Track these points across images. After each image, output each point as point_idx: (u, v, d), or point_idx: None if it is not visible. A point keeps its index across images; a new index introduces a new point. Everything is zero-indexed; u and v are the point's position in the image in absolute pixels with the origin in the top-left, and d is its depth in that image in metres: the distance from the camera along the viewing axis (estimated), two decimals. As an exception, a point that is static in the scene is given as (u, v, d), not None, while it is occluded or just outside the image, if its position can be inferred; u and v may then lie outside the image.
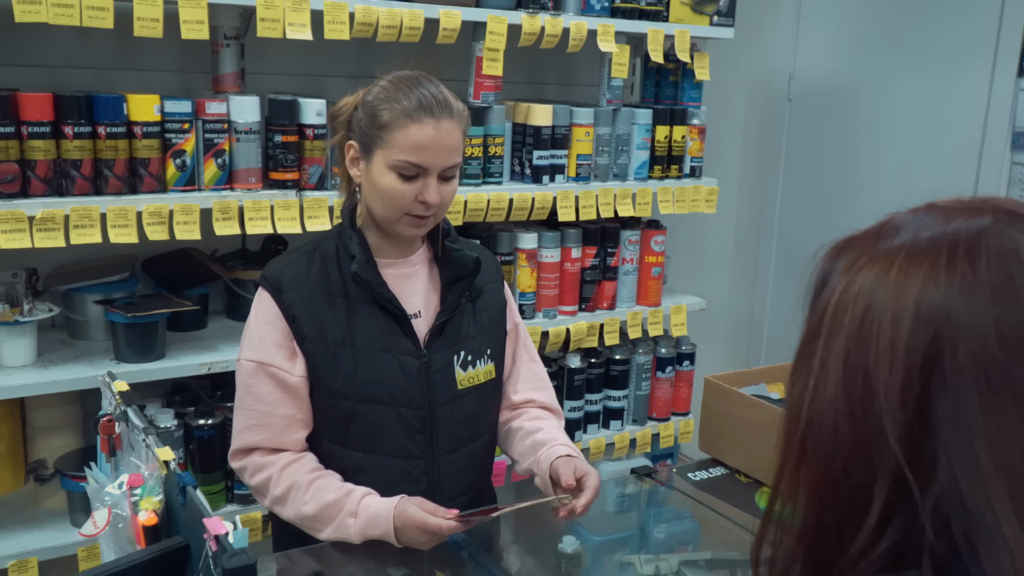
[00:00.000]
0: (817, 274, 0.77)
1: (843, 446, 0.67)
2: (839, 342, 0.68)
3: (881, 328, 0.66)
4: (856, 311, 0.68)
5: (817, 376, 0.69)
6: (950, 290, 0.65)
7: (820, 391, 0.69)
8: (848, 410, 0.67)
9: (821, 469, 0.69)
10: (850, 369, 0.67)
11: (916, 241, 0.69)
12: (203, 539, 0.95)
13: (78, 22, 1.94)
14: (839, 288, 0.71)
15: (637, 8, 2.69)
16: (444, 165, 1.57)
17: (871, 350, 0.66)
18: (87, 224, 2.06)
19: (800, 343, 0.74)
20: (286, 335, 1.60)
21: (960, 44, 3.06)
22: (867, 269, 0.70)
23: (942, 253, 0.67)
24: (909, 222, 0.73)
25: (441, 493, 1.66)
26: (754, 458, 1.94)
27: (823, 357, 0.69)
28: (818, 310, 0.73)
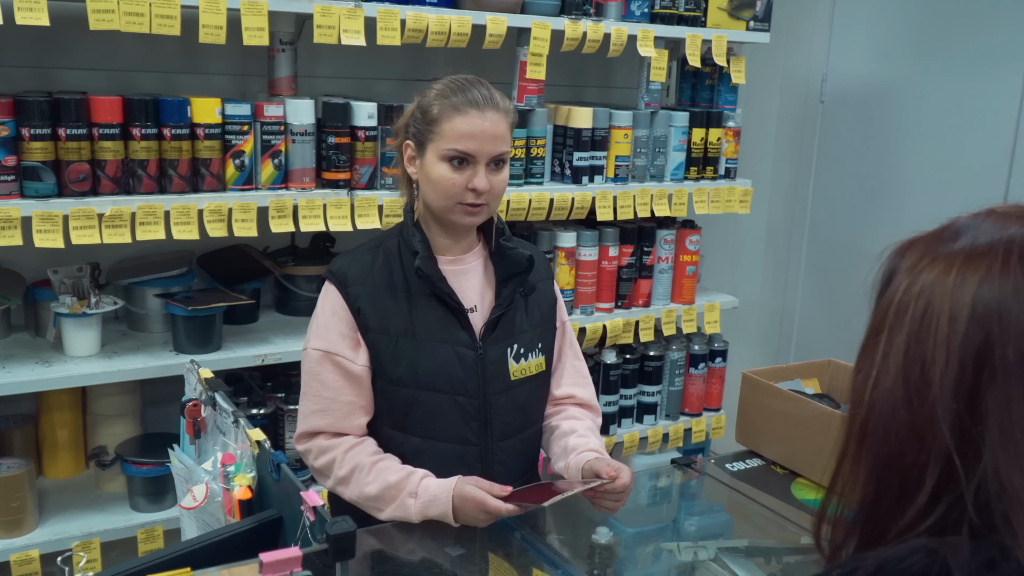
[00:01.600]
0: (883, 272, 0.84)
1: (900, 430, 0.75)
2: (900, 336, 0.76)
3: (939, 326, 0.73)
4: (917, 309, 0.75)
5: (879, 367, 0.77)
6: (1003, 292, 0.72)
7: (881, 380, 0.77)
8: (906, 398, 0.74)
9: (880, 451, 0.77)
10: (909, 361, 0.75)
11: (975, 245, 0.77)
12: (297, 511, 1.04)
13: (148, 29, 2.04)
14: (902, 286, 0.78)
15: (676, 14, 2.77)
16: (490, 153, 1.66)
17: (929, 345, 0.73)
18: (152, 221, 2.16)
19: (865, 336, 0.82)
20: (351, 326, 1.69)
21: (993, 47, 3.11)
22: (928, 270, 0.77)
23: (998, 258, 0.74)
24: (969, 226, 0.80)
25: (494, 478, 1.74)
26: (790, 450, 2.01)
27: (885, 350, 0.77)
28: (882, 306, 0.80)
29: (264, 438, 1.14)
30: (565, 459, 1.77)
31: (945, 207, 3.20)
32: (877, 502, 0.77)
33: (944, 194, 3.27)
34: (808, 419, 1.95)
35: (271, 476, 1.11)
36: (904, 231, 0.89)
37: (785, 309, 3.89)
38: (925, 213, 3.59)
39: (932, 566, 0.68)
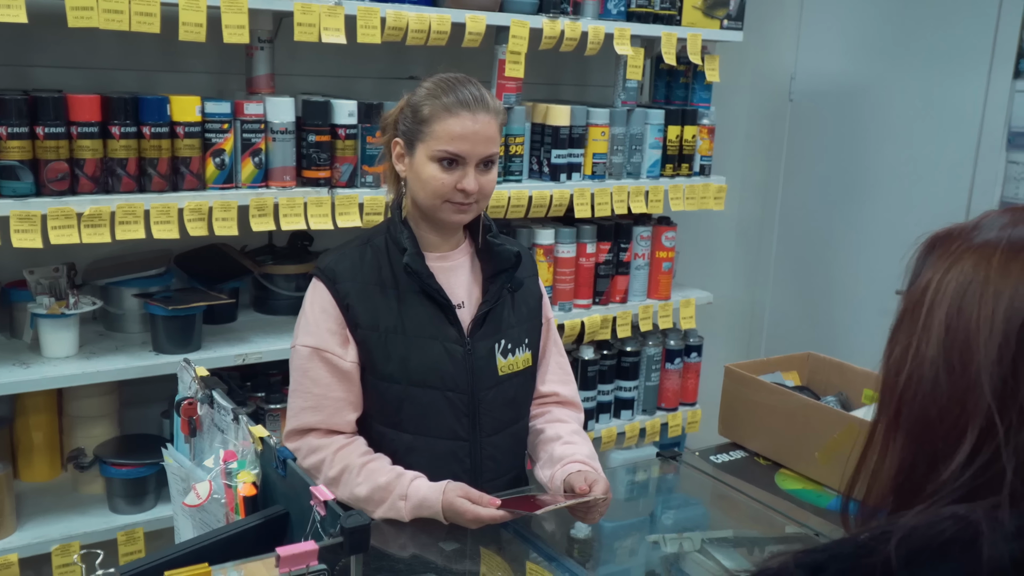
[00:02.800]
0: (917, 256, 0.87)
1: (940, 396, 0.78)
2: (940, 310, 0.79)
3: (983, 299, 0.77)
4: (960, 283, 0.79)
5: (920, 337, 0.80)
6: None
7: (922, 349, 0.80)
8: (948, 365, 0.78)
9: (918, 415, 0.80)
10: (951, 332, 0.78)
11: (1013, 238, 0.80)
12: (304, 507, 1.05)
13: (127, 27, 2.02)
14: (941, 268, 0.81)
15: (652, 12, 2.80)
16: (481, 155, 1.68)
17: (972, 317, 0.77)
18: (132, 220, 2.14)
19: (899, 313, 0.85)
20: (340, 323, 1.70)
21: (958, 47, 3.17)
22: (967, 257, 0.80)
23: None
24: (1001, 221, 0.83)
25: (484, 473, 1.77)
26: (773, 442, 2.05)
27: (926, 323, 0.80)
28: (919, 285, 0.83)
29: (268, 434, 1.14)
30: (551, 468, 1.79)
31: (912, 203, 3.28)
32: (914, 467, 0.80)
33: (911, 190, 3.34)
34: (791, 411, 1.98)
35: (276, 472, 1.11)
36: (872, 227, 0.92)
37: (756, 304, 3.94)
38: (892, 209, 3.67)
39: (965, 531, 0.70)
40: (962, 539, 0.70)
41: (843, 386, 2.18)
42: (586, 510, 1.67)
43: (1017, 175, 3.10)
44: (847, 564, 0.75)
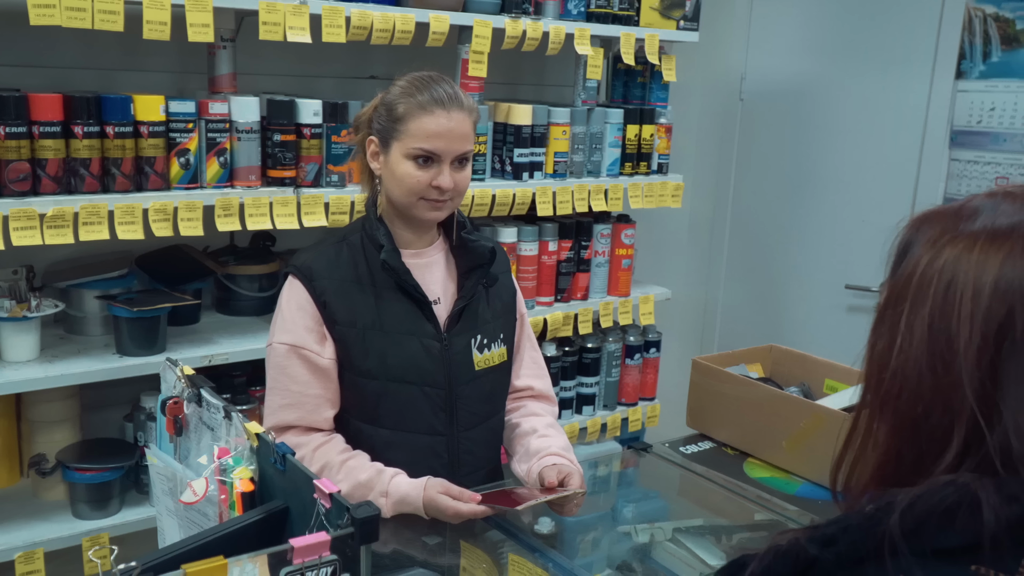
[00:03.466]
0: (899, 243, 0.90)
1: (925, 394, 0.81)
2: (924, 309, 0.82)
3: (963, 300, 0.80)
4: (941, 283, 0.82)
5: (903, 335, 0.83)
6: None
7: (906, 348, 0.83)
8: (931, 365, 0.81)
9: (904, 411, 0.83)
10: (934, 333, 0.81)
11: (996, 226, 0.83)
12: (305, 501, 1.06)
13: (90, 25, 2.00)
14: (924, 260, 0.84)
15: (611, 13, 2.84)
16: (456, 152, 1.70)
17: (953, 318, 0.80)
18: (95, 221, 2.11)
19: (882, 304, 0.88)
20: (317, 320, 1.70)
21: (902, 49, 3.28)
22: (950, 246, 0.83)
23: (1020, 239, 0.81)
24: (987, 206, 0.86)
25: (461, 467, 1.78)
26: (741, 432, 2.10)
27: (909, 320, 0.83)
28: (901, 277, 0.86)
29: (263, 430, 1.15)
30: (528, 462, 1.81)
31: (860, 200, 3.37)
32: (899, 460, 0.83)
33: (858, 187, 3.44)
34: (757, 401, 2.04)
35: (274, 467, 1.11)
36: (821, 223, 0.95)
37: (709, 300, 4.02)
38: (841, 206, 3.76)
39: (965, 496, 0.74)
40: (965, 504, 0.74)
41: (804, 376, 2.24)
42: (564, 503, 1.70)
43: (959, 172, 3.21)
44: (857, 536, 0.78)
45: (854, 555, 0.78)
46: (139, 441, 2.41)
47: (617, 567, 1.89)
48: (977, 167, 3.18)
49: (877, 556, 0.76)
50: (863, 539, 0.77)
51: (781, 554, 0.83)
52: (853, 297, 3.43)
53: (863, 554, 0.77)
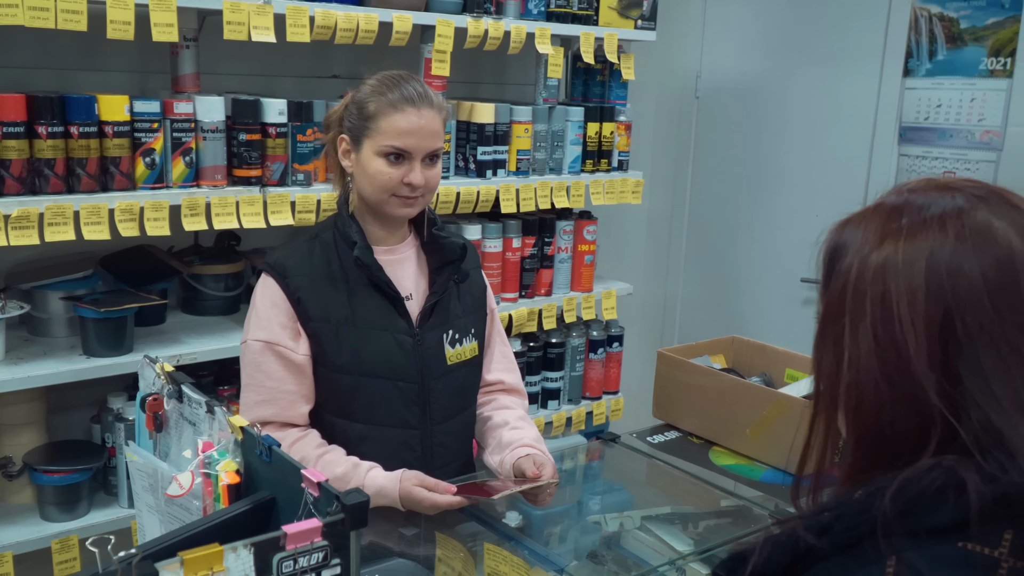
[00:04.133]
0: (825, 251, 0.93)
1: (885, 403, 0.85)
2: (865, 322, 0.85)
3: (900, 309, 0.83)
4: (875, 294, 0.85)
5: (850, 350, 0.86)
6: (950, 261, 0.82)
7: (855, 361, 0.86)
8: (885, 375, 0.84)
9: (867, 421, 0.87)
10: (881, 343, 0.84)
11: (912, 222, 0.87)
12: (292, 491, 1.08)
13: (53, 25, 1.99)
14: (854, 271, 0.87)
15: (570, 12, 2.89)
16: (426, 149, 1.73)
17: (896, 328, 0.83)
18: (61, 222, 2.11)
19: (822, 317, 0.91)
20: (291, 317, 1.72)
21: (852, 47, 3.37)
22: (877, 251, 0.86)
23: (934, 229, 0.84)
24: (899, 204, 0.90)
25: (434, 460, 1.81)
26: (706, 421, 2.15)
27: (852, 334, 0.86)
28: (836, 291, 0.89)
29: (247, 423, 1.17)
30: (500, 454, 1.84)
31: (813, 195, 3.46)
32: (871, 465, 0.87)
33: (812, 183, 3.52)
34: (721, 391, 2.09)
35: (260, 459, 1.14)
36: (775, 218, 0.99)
37: (668, 294, 4.08)
38: (794, 200, 3.85)
39: (952, 478, 0.79)
40: (953, 484, 0.78)
41: (765, 366, 2.30)
42: (537, 493, 1.73)
43: (908, 167, 3.31)
44: (851, 521, 0.82)
45: (849, 539, 0.82)
46: (107, 442, 2.40)
47: (588, 556, 1.93)
48: (925, 162, 3.28)
49: (871, 538, 0.80)
50: (857, 524, 0.81)
51: (779, 544, 0.86)
52: (808, 290, 3.52)
53: (858, 538, 0.81)
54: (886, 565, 0.78)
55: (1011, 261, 0.83)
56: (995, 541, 0.77)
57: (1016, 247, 0.83)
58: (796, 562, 0.84)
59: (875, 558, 0.79)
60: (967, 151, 3.16)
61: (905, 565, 0.77)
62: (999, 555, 0.77)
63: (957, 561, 0.77)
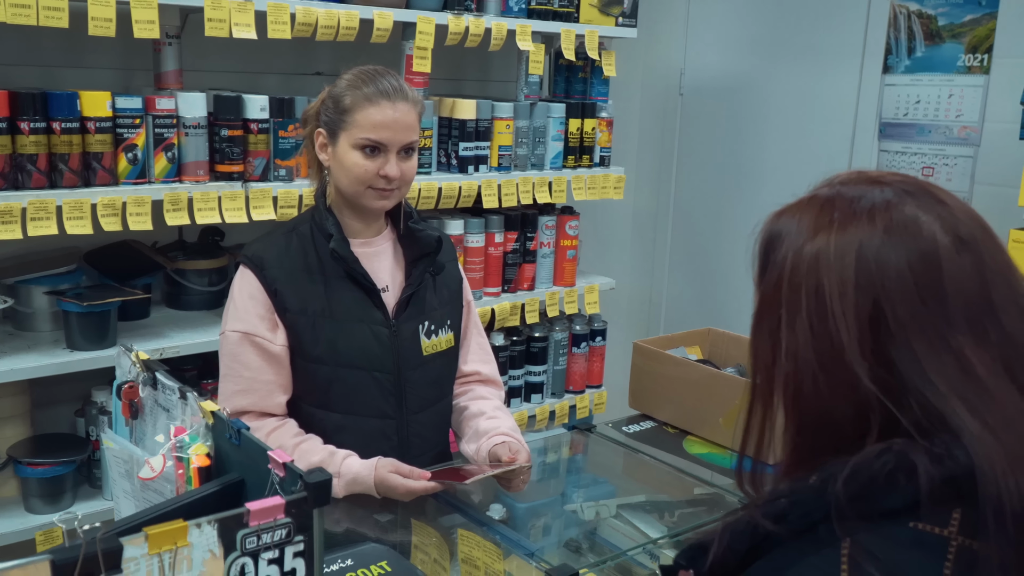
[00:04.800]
0: (760, 243, 0.97)
1: (823, 392, 0.88)
2: (800, 314, 0.88)
3: (833, 301, 0.86)
4: (809, 288, 0.88)
5: (787, 341, 0.89)
6: (879, 260, 0.85)
7: (792, 352, 0.89)
8: (821, 365, 0.87)
9: (806, 410, 0.90)
10: (817, 335, 0.87)
11: (843, 215, 0.89)
12: (260, 472, 1.11)
13: (35, 22, 2.01)
14: (788, 264, 0.90)
15: (551, 10, 2.92)
16: (401, 142, 1.76)
17: (830, 319, 0.86)
18: (43, 216, 2.13)
19: (758, 308, 0.94)
20: (268, 308, 1.75)
21: (833, 44, 3.41)
22: (809, 243, 0.89)
23: (863, 225, 0.87)
24: (831, 196, 0.93)
25: (411, 449, 1.84)
26: (680, 411, 2.19)
27: (789, 325, 0.89)
28: (771, 283, 0.92)
29: (218, 408, 1.19)
30: (476, 442, 1.87)
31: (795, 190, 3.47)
32: (812, 453, 0.90)
33: (794, 178, 3.53)
34: (695, 381, 2.13)
35: (230, 443, 1.16)
36: (758, 213, 1.02)
37: (654, 289, 4.12)
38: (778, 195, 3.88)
39: (903, 461, 0.81)
40: (904, 468, 0.81)
41: (740, 358, 2.33)
42: (511, 478, 1.76)
43: (888, 163, 3.35)
44: (806, 507, 0.85)
45: (805, 524, 0.85)
46: (91, 436, 2.42)
47: (565, 544, 1.96)
48: (904, 157, 3.31)
49: (825, 522, 0.83)
50: (811, 509, 0.84)
51: (738, 532, 0.89)
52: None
53: (813, 522, 0.84)
54: (841, 547, 0.81)
55: (935, 253, 0.86)
56: (944, 520, 0.80)
57: (940, 240, 0.86)
58: (755, 548, 0.87)
59: (830, 541, 0.82)
60: (945, 146, 3.20)
61: (859, 547, 0.80)
62: (948, 534, 0.80)
63: (909, 541, 0.80)
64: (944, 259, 0.86)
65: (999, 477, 0.78)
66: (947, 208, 0.89)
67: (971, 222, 0.89)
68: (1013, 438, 0.80)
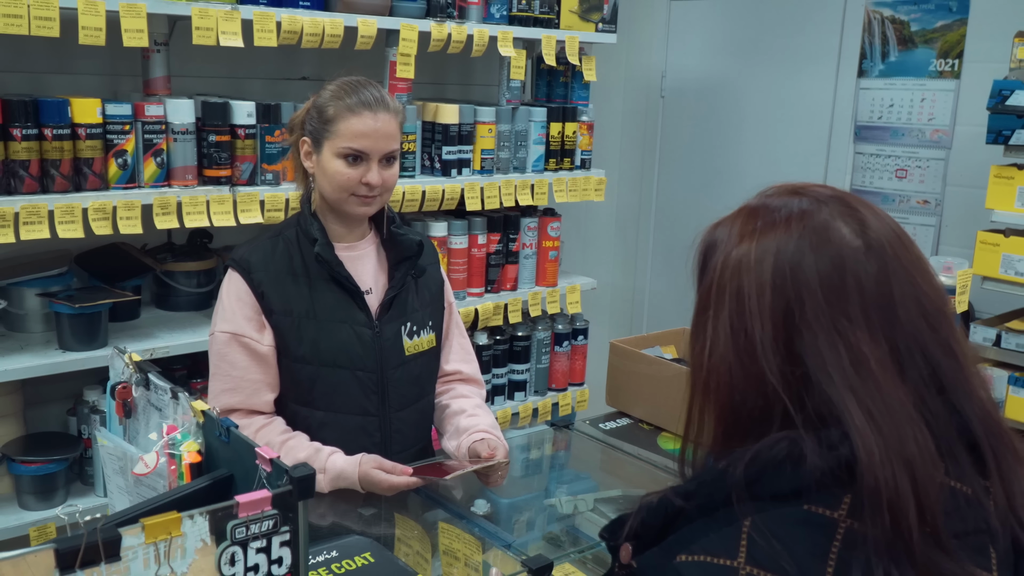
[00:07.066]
0: (699, 252, 1.05)
1: (737, 384, 0.96)
2: (723, 313, 0.97)
3: (751, 302, 0.94)
4: (732, 289, 0.96)
5: (711, 338, 0.98)
6: (792, 264, 0.93)
7: (715, 348, 0.97)
8: (737, 359, 0.95)
9: (723, 401, 0.98)
10: (735, 332, 0.95)
11: (764, 223, 0.98)
12: (248, 468, 1.17)
13: (27, 31, 2.07)
14: (718, 268, 0.99)
15: (532, 16, 2.99)
16: (383, 151, 1.82)
17: (747, 317, 0.95)
18: (36, 221, 2.19)
19: (696, 312, 1.03)
20: (255, 310, 1.81)
21: (810, 49, 3.49)
22: (736, 249, 0.98)
23: (780, 232, 0.95)
24: (757, 207, 1.01)
25: (392, 446, 1.91)
26: (655, 408, 2.26)
27: (714, 324, 0.98)
28: (705, 285, 1.01)
29: (208, 407, 1.26)
30: (457, 439, 1.94)
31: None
32: (728, 439, 0.98)
33: (772, 178, 3.57)
34: (669, 379, 2.20)
35: (219, 440, 1.23)
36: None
37: (636, 288, 4.20)
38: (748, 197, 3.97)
39: (794, 449, 0.89)
40: (792, 456, 0.89)
41: (715, 356, 2.41)
42: (489, 473, 1.83)
43: (863, 164, 3.43)
44: (710, 488, 0.93)
45: (709, 504, 0.93)
46: (82, 434, 2.48)
47: (543, 537, 2.03)
48: (879, 159, 3.40)
49: (726, 504, 0.91)
50: (715, 490, 0.92)
51: (652, 509, 0.98)
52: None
53: (716, 503, 0.92)
54: (742, 525, 0.88)
55: (841, 256, 0.94)
56: (835, 504, 0.88)
57: (848, 244, 0.94)
58: (668, 524, 0.95)
59: (731, 520, 0.89)
60: (918, 149, 3.28)
61: (757, 525, 0.88)
62: (838, 516, 0.87)
63: (801, 521, 0.88)
64: (849, 261, 0.93)
65: (876, 467, 0.85)
66: (859, 214, 0.97)
67: (882, 227, 0.97)
68: (892, 430, 0.87)
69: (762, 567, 0.86)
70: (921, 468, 0.86)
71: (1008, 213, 2.60)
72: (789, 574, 0.85)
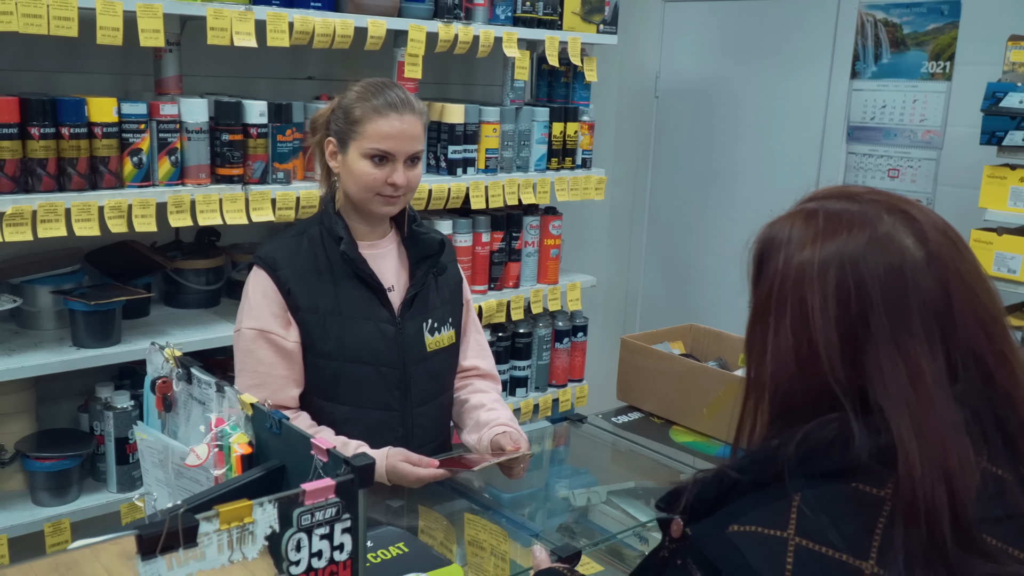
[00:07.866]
0: (754, 254, 1.07)
1: (796, 389, 1.00)
2: (785, 320, 1.00)
3: (814, 312, 0.98)
4: (795, 298, 1.00)
5: (773, 344, 1.02)
6: (857, 276, 0.96)
7: (776, 355, 1.01)
8: (799, 367, 0.99)
9: (780, 401, 1.02)
10: (798, 340, 0.99)
11: (827, 230, 1.00)
12: (300, 458, 1.21)
13: (46, 31, 2.09)
14: (778, 276, 1.02)
15: (536, 17, 3.03)
16: (408, 152, 1.86)
17: (811, 327, 0.98)
18: (53, 219, 2.20)
19: (753, 314, 1.06)
20: (281, 307, 1.84)
21: (803, 51, 3.55)
22: (796, 257, 1.01)
23: (841, 239, 0.99)
24: (817, 212, 1.03)
25: (414, 440, 1.95)
26: (665, 402, 2.31)
27: (776, 330, 1.01)
28: (764, 290, 1.04)
29: (256, 400, 1.29)
30: (478, 433, 1.98)
31: (766, 191, 3.67)
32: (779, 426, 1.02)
33: (765, 178, 3.70)
34: (679, 374, 2.25)
35: (270, 432, 1.26)
36: (731, 213, 1.14)
37: (630, 286, 4.25)
38: (749, 196, 4.05)
39: (844, 430, 0.94)
40: (841, 438, 0.94)
41: (720, 352, 2.46)
42: (513, 465, 1.87)
43: (856, 165, 3.50)
44: (763, 464, 0.98)
45: (762, 478, 0.98)
46: (95, 430, 2.49)
47: (557, 529, 2.08)
48: (872, 160, 3.47)
49: (777, 480, 0.96)
50: (767, 466, 0.97)
51: (707, 483, 1.02)
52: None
53: (768, 478, 0.97)
54: (792, 500, 0.93)
55: (904, 268, 0.97)
56: (881, 483, 0.93)
57: (911, 256, 0.97)
58: (721, 497, 0.99)
59: (782, 494, 0.94)
60: (910, 149, 3.35)
61: (807, 500, 0.93)
62: (884, 494, 0.92)
63: (847, 497, 0.93)
64: (912, 273, 0.97)
65: (916, 482, 0.89)
66: (920, 225, 1.00)
67: (942, 237, 1.00)
68: (937, 442, 0.91)
69: (810, 538, 0.91)
70: (960, 480, 0.90)
71: (1001, 212, 2.68)
72: (836, 546, 0.90)
